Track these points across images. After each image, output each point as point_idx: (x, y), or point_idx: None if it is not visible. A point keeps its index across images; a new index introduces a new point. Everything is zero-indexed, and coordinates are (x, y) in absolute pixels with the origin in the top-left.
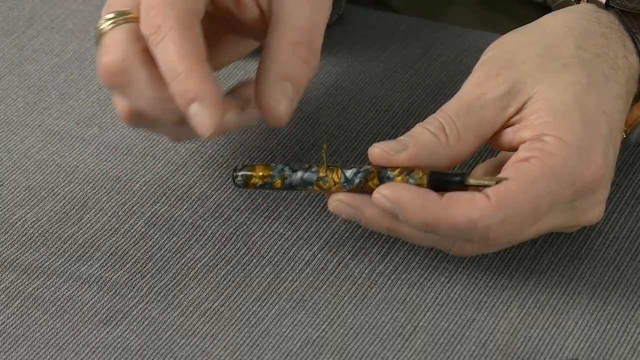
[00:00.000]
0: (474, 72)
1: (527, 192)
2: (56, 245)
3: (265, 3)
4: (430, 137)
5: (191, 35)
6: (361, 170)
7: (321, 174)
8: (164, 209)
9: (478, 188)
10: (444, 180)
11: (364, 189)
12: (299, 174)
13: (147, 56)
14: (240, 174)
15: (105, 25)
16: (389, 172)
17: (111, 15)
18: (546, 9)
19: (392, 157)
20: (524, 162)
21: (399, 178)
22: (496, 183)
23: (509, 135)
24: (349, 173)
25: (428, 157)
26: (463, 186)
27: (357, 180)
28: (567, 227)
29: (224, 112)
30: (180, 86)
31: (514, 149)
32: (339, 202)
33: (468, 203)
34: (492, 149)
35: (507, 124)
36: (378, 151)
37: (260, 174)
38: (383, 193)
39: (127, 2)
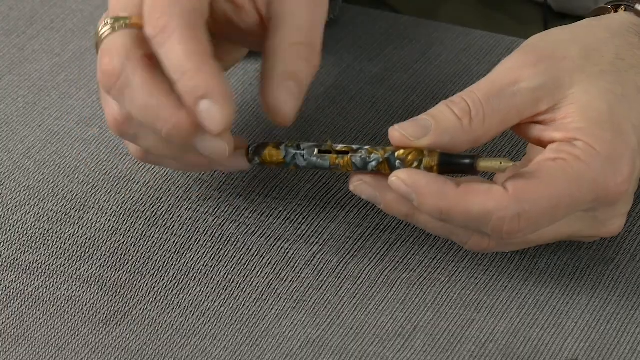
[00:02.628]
0: (510, 56)
1: (547, 190)
2: (56, 245)
3: (264, 8)
4: (453, 121)
5: (197, 34)
6: (371, 160)
7: (331, 163)
8: (163, 209)
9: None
10: (453, 163)
11: (376, 171)
12: (312, 161)
13: (146, 62)
14: (256, 159)
15: (104, 30)
16: (397, 162)
17: (110, 21)
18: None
19: (413, 143)
20: (549, 161)
21: (410, 157)
22: (501, 163)
23: (539, 132)
24: (358, 162)
25: (448, 143)
26: (473, 170)
27: (369, 169)
28: (586, 237)
29: (234, 108)
30: (189, 83)
31: (542, 145)
32: (361, 182)
33: (485, 193)
34: (510, 134)
35: (536, 119)
36: (398, 135)
37: (275, 160)
38: (400, 177)
39: (129, 8)
